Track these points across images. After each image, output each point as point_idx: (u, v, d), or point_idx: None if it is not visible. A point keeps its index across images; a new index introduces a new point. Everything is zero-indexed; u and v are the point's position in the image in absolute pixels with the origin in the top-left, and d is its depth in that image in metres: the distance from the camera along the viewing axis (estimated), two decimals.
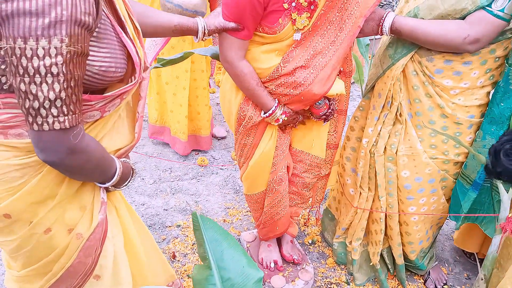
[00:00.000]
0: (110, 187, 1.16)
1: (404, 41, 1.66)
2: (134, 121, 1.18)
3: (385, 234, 2.03)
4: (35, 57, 0.81)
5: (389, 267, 2.12)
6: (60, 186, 1.05)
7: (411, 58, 1.66)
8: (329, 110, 1.72)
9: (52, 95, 0.85)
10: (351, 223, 2.08)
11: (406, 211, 1.89)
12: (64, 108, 0.87)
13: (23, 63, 0.82)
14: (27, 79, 0.83)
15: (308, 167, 1.92)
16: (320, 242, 2.36)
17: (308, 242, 2.36)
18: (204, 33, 1.48)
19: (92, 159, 1.00)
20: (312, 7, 1.51)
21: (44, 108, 0.85)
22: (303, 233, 2.41)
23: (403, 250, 2.04)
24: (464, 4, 1.48)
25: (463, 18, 1.51)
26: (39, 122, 0.87)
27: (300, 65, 1.57)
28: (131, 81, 1.06)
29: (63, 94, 0.86)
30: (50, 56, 0.82)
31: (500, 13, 1.44)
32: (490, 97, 1.72)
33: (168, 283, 1.56)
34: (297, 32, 1.53)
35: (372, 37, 3.53)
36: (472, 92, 1.66)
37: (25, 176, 1.00)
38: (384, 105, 1.78)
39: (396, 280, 2.15)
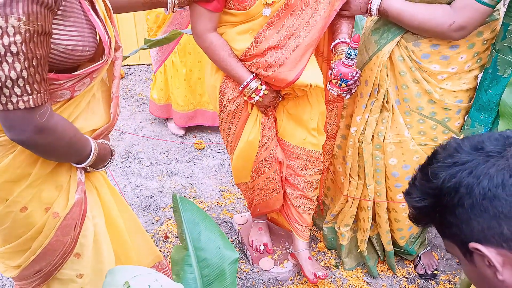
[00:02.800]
0: (88, 167, 1.17)
1: (390, 26, 1.63)
2: (110, 102, 1.18)
3: (374, 221, 2.03)
4: None
5: (379, 253, 2.13)
6: (34, 166, 1.06)
7: (397, 43, 1.63)
8: (357, 75, 1.51)
9: (13, 74, 0.85)
10: (341, 210, 2.08)
11: (395, 198, 1.89)
12: (28, 87, 0.87)
13: None
14: None
15: (307, 162, 1.84)
16: (312, 226, 2.37)
17: None
18: (174, 4, 1.46)
19: (63, 138, 1.00)
20: None
21: (7, 87, 0.86)
22: None
23: (392, 236, 2.04)
24: None
25: (449, 3, 1.49)
26: (3, 102, 0.87)
27: (273, 45, 1.53)
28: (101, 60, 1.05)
29: (25, 73, 0.86)
30: (8, 35, 0.81)
31: (486, 0, 1.41)
32: (478, 80, 1.69)
33: (154, 263, 1.58)
34: (266, 7, 1.49)
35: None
36: (459, 77, 1.64)
37: None
38: (371, 92, 1.76)
39: (386, 264, 2.15)
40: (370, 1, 1.56)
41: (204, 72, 1.83)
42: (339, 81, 1.51)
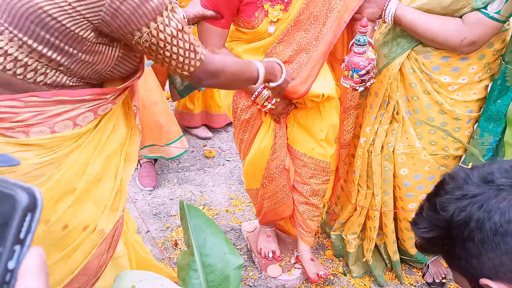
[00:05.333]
0: (268, 85, 1.42)
1: (399, 40, 1.64)
2: (127, 118, 1.23)
3: (382, 230, 2.04)
4: (166, 27, 0.96)
5: (387, 262, 2.14)
6: (80, 179, 1.08)
7: (407, 56, 1.64)
8: (370, 65, 1.48)
9: (186, 45, 1.02)
10: (348, 218, 2.09)
11: (406, 207, 1.90)
12: (195, 49, 1.05)
13: (160, 36, 0.97)
14: (168, 46, 0.99)
15: (314, 171, 1.86)
16: (320, 234, 2.39)
17: None
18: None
19: (231, 72, 1.19)
20: None
21: (186, 57, 1.03)
22: None
23: (403, 245, 2.05)
24: (460, 5, 1.46)
25: (460, 16, 1.49)
26: (186, 68, 1.05)
27: (284, 60, 1.55)
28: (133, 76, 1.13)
29: (189, 39, 1.03)
30: (172, 18, 0.97)
31: (496, 15, 1.42)
32: (489, 90, 1.70)
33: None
34: (271, 24, 1.51)
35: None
36: (470, 87, 1.65)
37: (46, 174, 1.02)
38: (381, 104, 1.77)
39: (394, 273, 2.16)
40: (385, 8, 1.56)
41: None
42: (350, 72, 1.48)
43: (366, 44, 1.46)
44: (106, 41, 0.98)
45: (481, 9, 1.44)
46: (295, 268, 2.11)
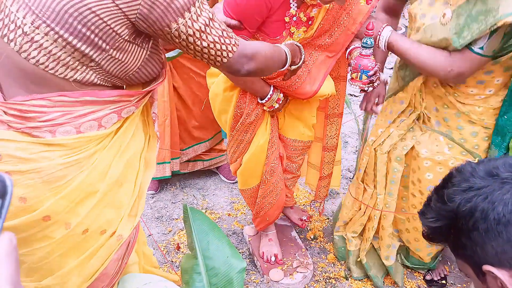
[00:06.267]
0: (291, 67, 1.40)
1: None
2: (145, 125, 1.25)
3: (378, 233, 2.04)
4: (199, 16, 0.99)
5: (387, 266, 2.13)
6: (103, 181, 1.08)
7: None
8: (377, 66, 1.55)
9: (220, 32, 1.04)
10: (352, 217, 2.10)
11: None
12: (229, 35, 1.07)
13: (195, 26, 1.00)
14: (204, 35, 1.02)
15: (301, 151, 2.02)
16: (322, 238, 2.39)
17: (310, 238, 2.39)
18: None
19: (265, 54, 1.19)
20: (310, 22, 1.58)
21: (223, 43, 1.05)
22: (305, 228, 2.44)
23: (415, 254, 2.05)
24: (444, 44, 1.52)
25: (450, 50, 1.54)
26: (225, 55, 1.07)
27: None
28: (156, 80, 1.15)
29: (220, 26, 1.05)
30: (203, 9, 1.00)
31: (480, 51, 1.47)
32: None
33: None
34: (288, 39, 1.58)
35: None
36: (497, 94, 1.66)
37: (70, 175, 1.02)
38: (403, 111, 1.82)
39: None
40: (379, 34, 1.61)
41: (212, 92, 1.88)
42: (359, 74, 1.54)
43: (372, 46, 1.52)
44: (138, 41, 1.02)
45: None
46: (298, 272, 2.11)
